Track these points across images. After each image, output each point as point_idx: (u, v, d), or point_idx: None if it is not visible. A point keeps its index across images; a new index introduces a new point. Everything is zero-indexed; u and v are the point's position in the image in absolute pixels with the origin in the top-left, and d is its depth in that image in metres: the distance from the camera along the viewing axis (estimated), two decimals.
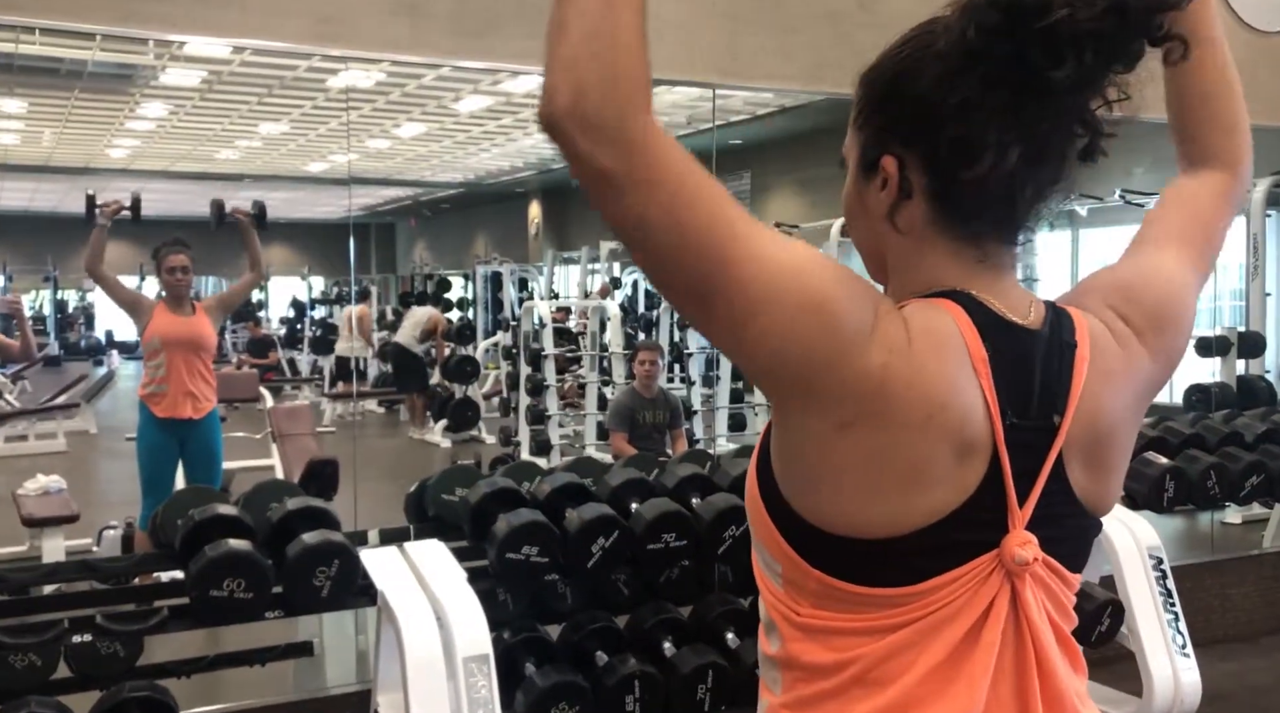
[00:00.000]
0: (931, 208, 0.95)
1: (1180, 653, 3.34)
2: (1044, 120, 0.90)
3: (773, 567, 0.96)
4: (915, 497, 0.89)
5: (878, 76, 0.98)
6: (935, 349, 0.89)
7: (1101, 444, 0.97)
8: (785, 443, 0.92)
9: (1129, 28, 0.86)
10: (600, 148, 0.79)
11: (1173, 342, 1.04)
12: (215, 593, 2.42)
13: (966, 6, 0.89)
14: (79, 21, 2.78)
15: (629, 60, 0.79)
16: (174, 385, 4.45)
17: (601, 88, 0.78)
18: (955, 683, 0.90)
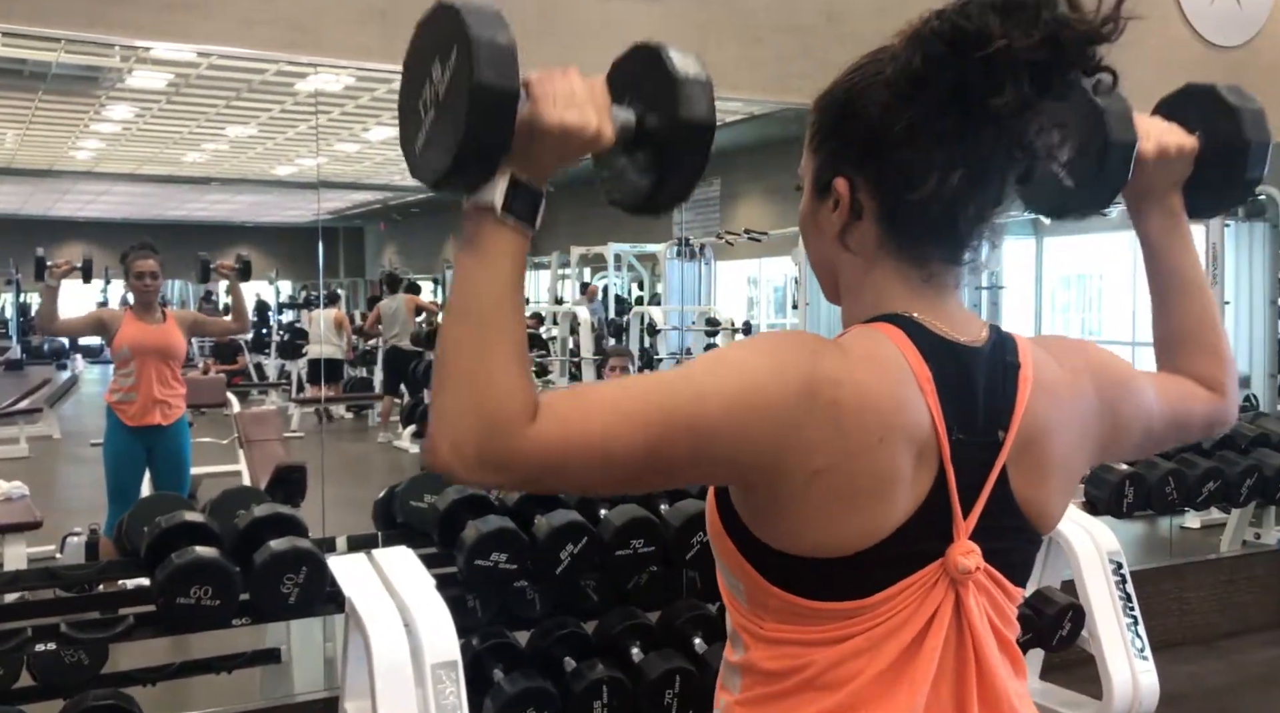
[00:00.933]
0: (880, 229, 0.99)
1: (1139, 656, 3.40)
2: (985, 145, 0.94)
3: (736, 586, 1.00)
4: (882, 512, 0.93)
5: (831, 102, 1.01)
6: (878, 372, 0.93)
7: (1042, 460, 1.01)
8: (750, 501, 0.96)
9: (1064, 58, 0.90)
10: (498, 478, 0.86)
11: (1122, 407, 1.09)
12: (182, 600, 2.42)
13: (913, 36, 0.93)
14: (45, 26, 2.77)
15: (499, 404, 0.84)
16: (143, 393, 4.43)
17: (476, 437, 0.84)
18: (899, 685, 0.94)
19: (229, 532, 2.66)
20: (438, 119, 0.90)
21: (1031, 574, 1.08)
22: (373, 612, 2.54)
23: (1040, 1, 0.89)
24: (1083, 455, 1.07)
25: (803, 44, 3.70)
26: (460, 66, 0.86)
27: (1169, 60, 4.52)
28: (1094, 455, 1.09)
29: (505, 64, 0.85)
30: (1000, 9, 0.89)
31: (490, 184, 0.89)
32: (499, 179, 0.89)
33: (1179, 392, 1.19)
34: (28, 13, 2.69)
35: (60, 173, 12.52)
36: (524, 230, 0.90)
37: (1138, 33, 3.34)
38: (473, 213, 0.90)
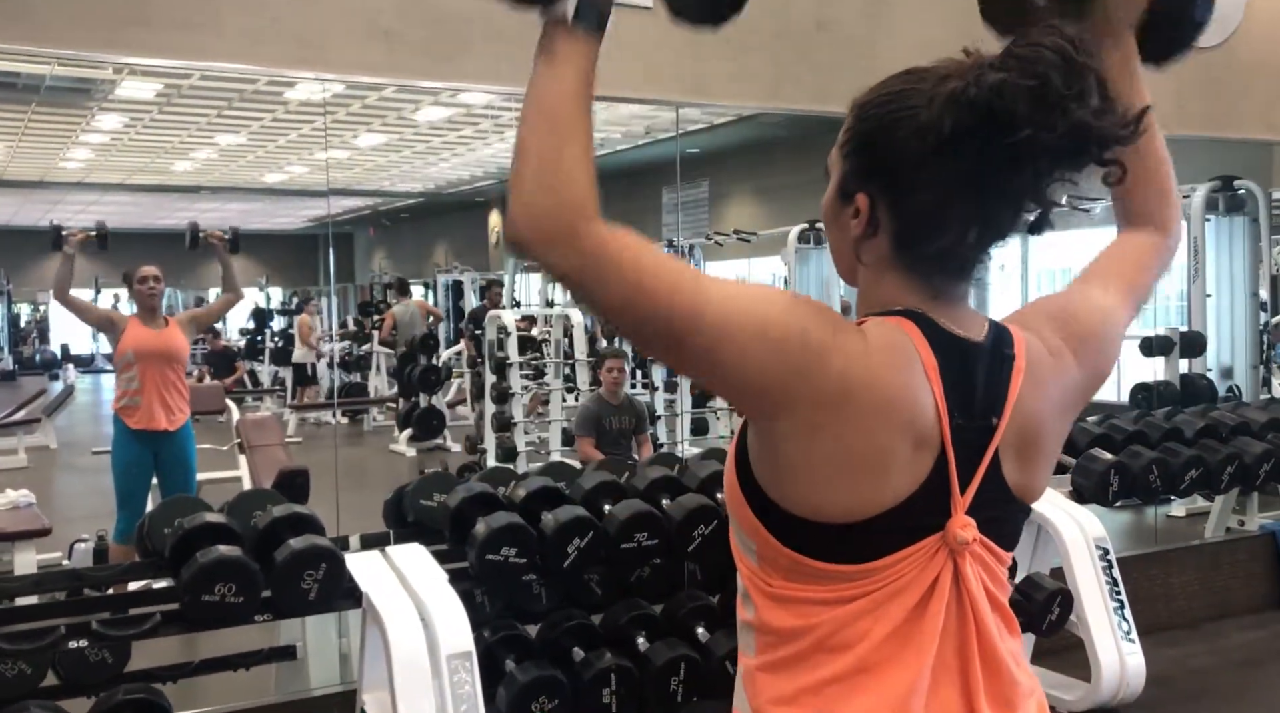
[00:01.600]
0: (893, 248, 1.08)
1: (1125, 639, 3.52)
2: (1002, 209, 1.04)
3: (748, 545, 1.10)
4: (878, 484, 1.03)
5: (866, 119, 1.09)
6: (891, 358, 1.03)
7: (1031, 443, 1.11)
8: (761, 446, 1.06)
9: (1084, 153, 1.01)
10: (558, 257, 0.97)
11: (1099, 358, 1.19)
12: (207, 598, 2.51)
13: (950, 97, 1.00)
14: (64, 47, 2.85)
15: (572, 189, 0.97)
16: (148, 397, 4.51)
17: (551, 215, 0.96)
18: (907, 648, 1.04)
19: (249, 532, 2.76)
20: None
21: (1019, 546, 1.19)
22: (389, 606, 2.64)
23: (1070, 96, 0.97)
24: (1067, 423, 1.18)
25: (793, 51, 3.81)
26: None
27: None
28: (1080, 407, 1.20)
29: None
30: (1033, 96, 0.96)
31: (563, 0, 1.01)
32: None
33: (1133, 267, 1.27)
34: (48, 35, 2.78)
35: (51, 184, 12.57)
36: (593, 39, 1.01)
37: None
38: (548, 26, 1.02)
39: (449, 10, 3.25)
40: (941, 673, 1.06)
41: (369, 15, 3.14)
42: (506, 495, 3.08)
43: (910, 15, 3.84)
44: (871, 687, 1.04)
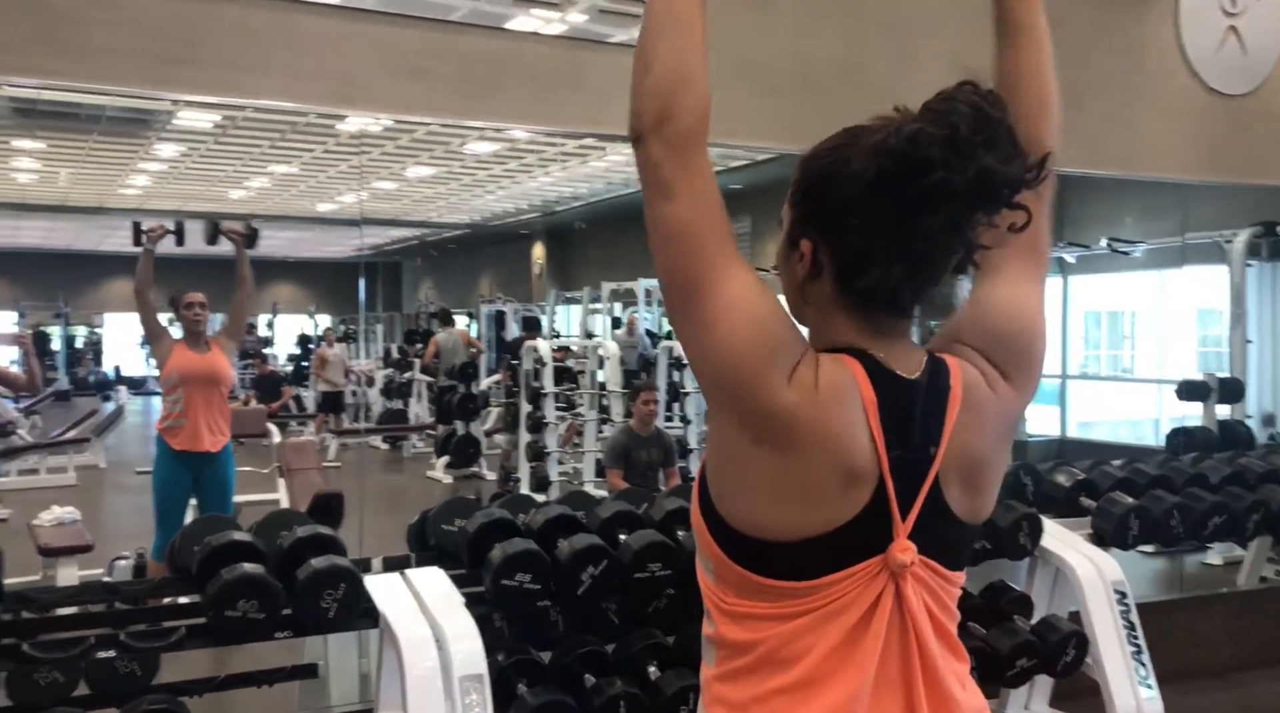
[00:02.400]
0: (835, 289, 1.17)
1: (1143, 684, 3.50)
2: (923, 246, 1.12)
3: (707, 564, 1.18)
4: (810, 511, 1.11)
5: (808, 172, 1.19)
6: (836, 397, 1.11)
7: (971, 469, 1.18)
8: (714, 451, 1.15)
9: (990, 195, 1.08)
10: (670, 159, 1.09)
11: (1034, 370, 1.25)
12: (230, 613, 2.61)
13: (874, 147, 1.10)
14: (119, 84, 3.01)
15: (701, 94, 1.11)
16: (192, 419, 4.65)
17: (683, 112, 1.10)
18: (849, 664, 1.12)
19: (273, 551, 2.85)
20: None
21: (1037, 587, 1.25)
22: (405, 627, 2.72)
23: (980, 143, 1.06)
24: (1007, 444, 1.25)
25: (818, 94, 3.89)
26: None
27: (1176, 109, 4.68)
28: (1018, 422, 1.27)
29: None
30: (946, 143, 1.06)
31: None
32: None
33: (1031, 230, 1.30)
34: (103, 73, 2.94)
35: (109, 210, 12.91)
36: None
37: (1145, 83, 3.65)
38: None
39: (481, 51, 3.38)
40: (885, 689, 1.13)
41: (405, 56, 3.28)
42: (525, 523, 3.15)
43: (935, 60, 3.91)
44: (814, 700, 1.11)
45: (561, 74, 3.50)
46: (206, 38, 3.06)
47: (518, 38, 3.51)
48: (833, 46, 3.97)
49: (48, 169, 11.26)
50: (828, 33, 3.98)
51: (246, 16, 3.06)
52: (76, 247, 15.17)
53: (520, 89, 3.46)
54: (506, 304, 12.94)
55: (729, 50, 3.80)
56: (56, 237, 14.58)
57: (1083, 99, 4.27)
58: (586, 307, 11.92)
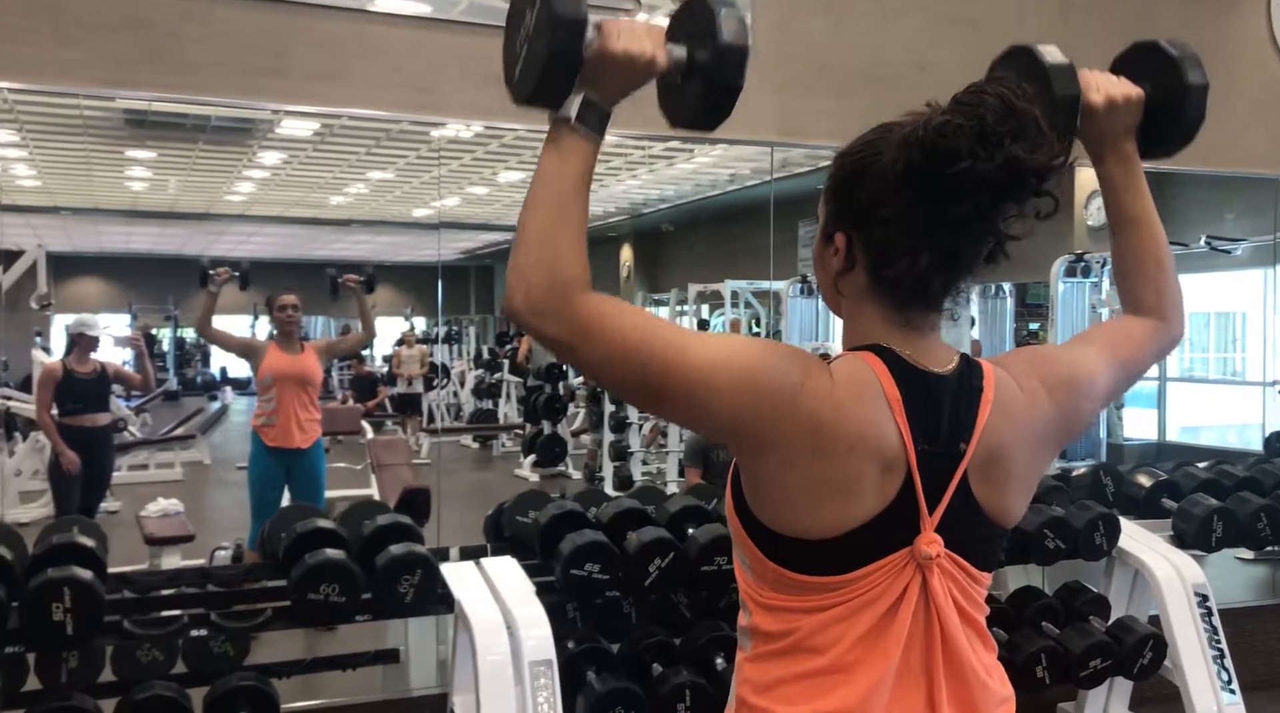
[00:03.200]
0: (868, 281, 1.21)
1: (1225, 689, 3.42)
2: (951, 237, 1.15)
3: (744, 559, 1.23)
4: (848, 506, 1.14)
5: (841, 167, 1.23)
6: (855, 393, 1.15)
7: (1001, 469, 1.20)
8: (745, 477, 1.19)
9: (1017, 183, 1.11)
10: (549, 326, 1.10)
11: (1073, 404, 1.28)
12: (313, 596, 2.74)
13: (903, 139, 1.13)
14: (210, 95, 3.20)
15: (568, 268, 1.10)
16: (284, 417, 4.87)
17: (543, 288, 1.09)
18: (874, 652, 1.15)
19: (355, 538, 2.98)
20: (528, 52, 1.17)
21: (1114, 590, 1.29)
22: (478, 613, 2.82)
23: (1006, 133, 1.09)
24: (1043, 459, 1.27)
25: (893, 94, 3.90)
26: (543, 6, 1.14)
27: (1267, 102, 4.55)
28: (1056, 447, 1.29)
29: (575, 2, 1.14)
30: (973, 134, 1.09)
31: (568, 101, 1.16)
32: (575, 97, 1.16)
33: (1125, 343, 1.37)
34: (195, 84, 3.12)
35: (216, 216, 13.41)
36: (594, 139, 1.16)
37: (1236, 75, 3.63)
38: (555, 123, 1.17)
39: None
40: (907, 677, 1.17)
41: (482, 62, 3.38)
42: (595, 515, 3.23)
43: None
44: (839, 685, 1.15)
45: None
46: (292, 49, 3.22)
47: None
48: (906, 45, 3.98)
49: (158, 177, 11.73)
50: (902, 32, 3.98)
51: (329, 28, 3.21)
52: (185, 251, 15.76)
53: None
54: None
55: (804, 54, 3.84)
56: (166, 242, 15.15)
57: None
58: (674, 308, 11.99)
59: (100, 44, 3.03)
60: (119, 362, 6.56)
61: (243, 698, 2.75)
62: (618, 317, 1.11)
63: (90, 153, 9.87)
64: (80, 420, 5.58)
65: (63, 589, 2.51)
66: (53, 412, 5.55)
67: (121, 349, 12.79)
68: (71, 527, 2.92)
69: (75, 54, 3.04)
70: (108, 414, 5.87)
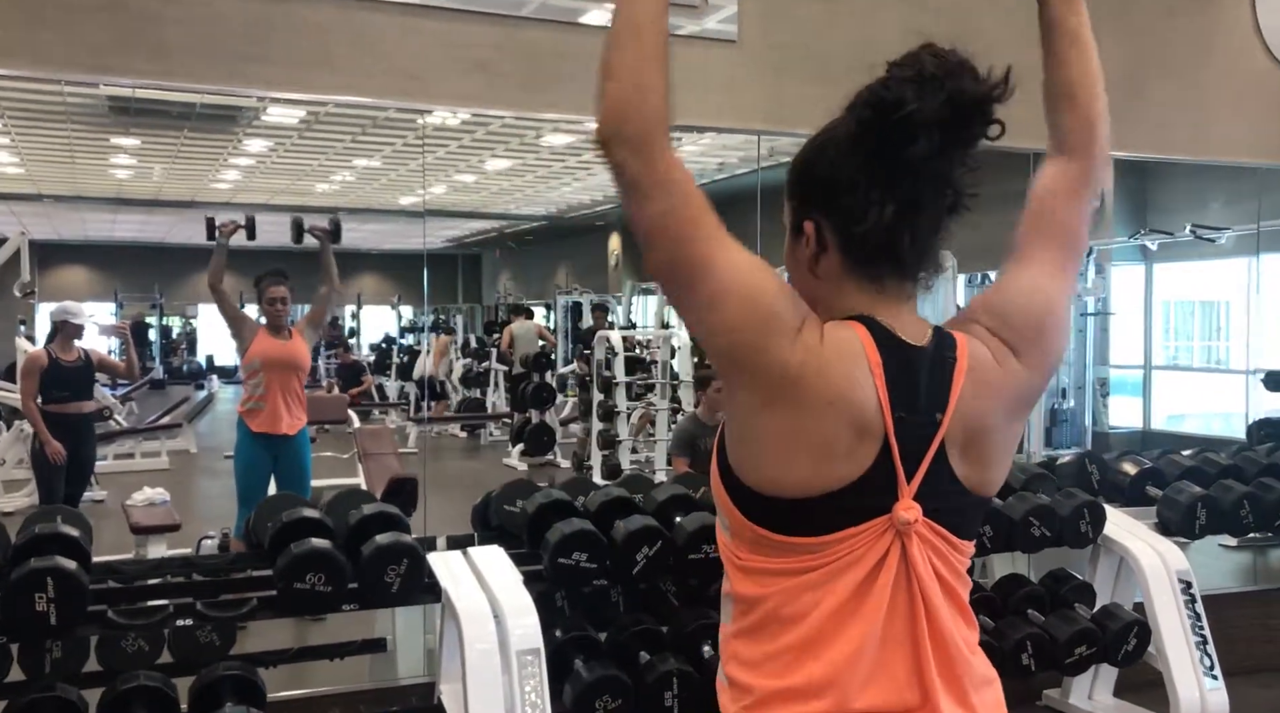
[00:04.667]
0: (841, 258, 1.22)
1: (1207, 675, 3.45)
2: (911, 185, 1.18)
3: (724, 522, 1.24)
4: (822, 467, 1.16)
5: (799, 160, 1.26)
6: (841, 354, 1.16)
7: (978, 439, 1.22)
8: (730, 416, 1.21)
9: (963, 116, 1.14)
10: (633, 159, 1.13)
11: (1047, 349, 1.28)
12: (299, 585, 2.73)
13: (852, 105, 1.19)
14: (195, 81, 3.16)
15: (658, 100, 1.15)
16: (271, 403, 4.84)
17: (639, 116, 1.13)
18: (855, 618, 1.16)
19: (341, 527, 2.98)
20: None
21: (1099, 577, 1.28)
22: (466, 602, 2.82)
23: (944, 74, 1.13)
24: (1019, 421, 1.28)
25: None
26: None
27: (1250, 92, 4.56)
28: (1032, 403, 1.30)
29: None
30: (914, 81, 1.13)
31: None
32: None
33: (1062, 224, 1.32)
34: (180, 70, 3.09)
35: (201, 203, 13.32)
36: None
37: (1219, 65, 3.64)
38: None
39: (542, 45, 3.46)
40: (892, 645, 1.17)
41: (468, 50, 3.37)
42: (583, 504, 3.23)
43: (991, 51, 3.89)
44: (821, 652, 1.17)
45: None
46: (276, 35, 3.19)
47: (579, 30, 3.58)
48: (893, 35, 3.97)
49: (143, 165, 11.65)
50: (888, 21, 3.98)
51: (313, 14, 3.19)
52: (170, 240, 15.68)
53: (579, 84, 3.53)
54: (583, 295, 13.07)
55: (793, 42, 3.83)
56: (151, 230, 15.07)
57: (1151, 82, 4.20)
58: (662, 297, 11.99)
59: (76, 27, 3.00)
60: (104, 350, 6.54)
61: (229, 687, 2.74)
62: (687, 183, 1.15)
63: (74, 139, 9.80)
64: (65, 408, 5.55)
65: (46, 579, 2.50)
66: (37, 400, 5.52)
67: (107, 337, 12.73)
68: (55, 516, 2.90)
69: (50, 37, 3.01)
70: (93, 402, 5.83)
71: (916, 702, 1.18)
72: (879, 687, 1.17)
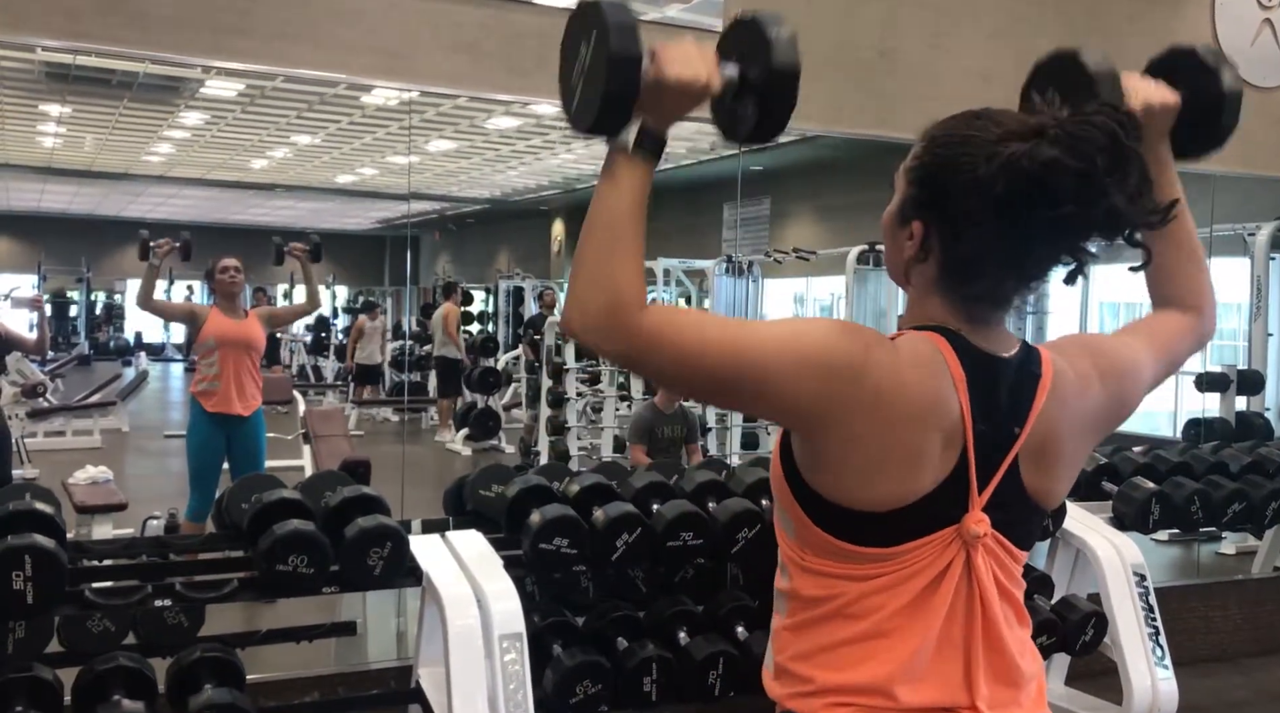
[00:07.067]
0: (938, 277, 1.22)
1: (1159, 664, 3.57)
2: (1037, 264, 1.19)
3: (788, 523, 1.25)
4: (909, 478, 1.16)
5: (933, 157, 1.20)
6: (919, 367, 1.17)
7: (1051, 454, 1.24)
8: (803, 450, 1.21)
9: (1118, 230, 1.14)
10: (610, 345, 1.13)
11: (1123, 391, 1.32)
12: (281, 568, 2.69)
13: (1007, 162, 1.12)
14: (169, 51, 3.07)
15: (625, 289, 1.12)
16: (225, 383, 4.75)
17: (600, 311, 1.12)
18: (915, 621, 1.19)
19: (320, 509, 2.93)
20: (585, 87, 1.19)
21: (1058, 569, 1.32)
22: (448, 586, 2.80)
23: (1112, 181, 1.10)
24: (1089, 443, 1.32)
25: (857, 78, 3.94)
26: (599, 43, 1.15)
27: None
28: (1103, 433, 1.34)
29: (632, 37, 1.15)
30: (1079, 177, 1.09)
31: (625, 129, 1.18)
32: (631, 126, 1.17)
33: (1166, 335, 1.42)
34: (155, 39, 3.00)
35: (134, 176, 12.98)
36: (650, 164, 1.18)
37: None
38: (612, 152, 1.18)
39: (529, 27, 3.44)
40: (946, 647, 1.20)
41: (454, 29, 3.33)
42: (561, 490, 3.23)
43: (971, 47, 3.97)
44: (880, 650, 1.19)
45: None
46: (259, 7, 3.12)
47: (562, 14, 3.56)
48: (872, 30, 4.02)
49: (73, 134, 11.31)
50: (867, 17, 4.02)
51: None
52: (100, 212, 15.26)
53: None
54: (525, 280, 13.01)
55: None
56: (80, 202, 14.65)
57: None
58: None
59: None
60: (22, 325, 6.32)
61: (207, 669, 2.69)
62: (674, 327, 1.14)
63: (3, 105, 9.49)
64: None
65: (24, 557, 2.42)
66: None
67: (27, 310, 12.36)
68: (24, 493, 2.82)
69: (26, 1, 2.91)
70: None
71: (965, 702, 1.21)
72: (931, 686, 1.20)
